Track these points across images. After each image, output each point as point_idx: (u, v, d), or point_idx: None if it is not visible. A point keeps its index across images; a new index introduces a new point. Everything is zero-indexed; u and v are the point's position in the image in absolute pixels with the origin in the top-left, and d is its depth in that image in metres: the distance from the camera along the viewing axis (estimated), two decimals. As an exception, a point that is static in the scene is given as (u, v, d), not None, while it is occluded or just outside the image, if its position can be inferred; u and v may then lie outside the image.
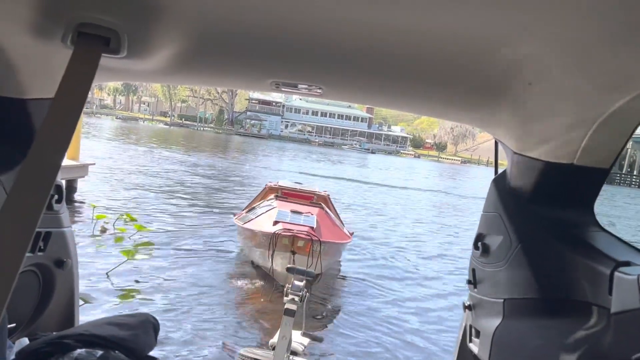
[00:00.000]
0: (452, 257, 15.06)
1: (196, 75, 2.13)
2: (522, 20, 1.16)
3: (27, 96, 1.78)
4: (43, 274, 2.18)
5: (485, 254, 2.14)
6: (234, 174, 29.08)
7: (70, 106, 1.24)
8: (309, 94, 2.04)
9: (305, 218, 10.99)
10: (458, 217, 23.92)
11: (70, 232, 2.26)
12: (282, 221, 10.61)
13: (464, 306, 2.37)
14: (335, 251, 11.45)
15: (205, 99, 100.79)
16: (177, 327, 7.74)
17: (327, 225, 11.52)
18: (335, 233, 11.61)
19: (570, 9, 1.08)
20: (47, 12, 1.34)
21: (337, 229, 12.09)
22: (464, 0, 1.10)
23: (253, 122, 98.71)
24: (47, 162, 1.19)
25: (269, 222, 10.68)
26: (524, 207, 1.99)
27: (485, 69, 1.49)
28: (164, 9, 1.31)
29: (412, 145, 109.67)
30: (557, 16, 1.12)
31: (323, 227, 11.04)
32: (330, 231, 11.30)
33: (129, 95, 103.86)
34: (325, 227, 11.21)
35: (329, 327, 8.70)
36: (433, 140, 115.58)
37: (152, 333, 2.05)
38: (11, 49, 1.57)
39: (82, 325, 2.08)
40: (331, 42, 1.45)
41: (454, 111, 2.11)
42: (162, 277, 9.93)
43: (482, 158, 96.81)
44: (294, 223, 10.56)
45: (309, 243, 9.91)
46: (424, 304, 10.66)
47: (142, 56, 1.58)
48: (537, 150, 1.87)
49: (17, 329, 2.12)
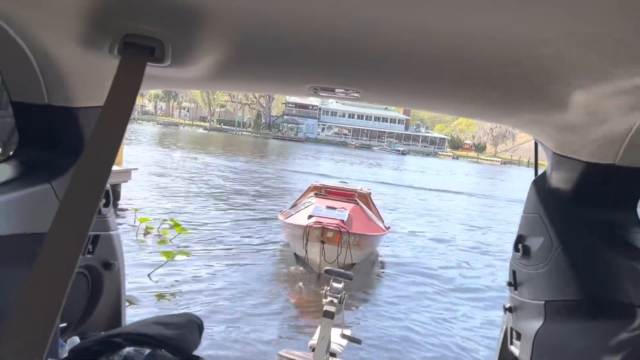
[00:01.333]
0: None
1: (236, 82, 2.18)
2: (561, 20, 1.16)
3: (76, 105, 1.85)
4: (92, 276, 2.25)
5: (526, 255, 2.12)
6: (272, 178, 29.28)
7: (119, 114, 1.28)
8: (346, 98, 2.06)
9: (338, 213, 12.10)
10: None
11: (117, 235, 2.33)
12: (316, 215, 11.88)
13: (504, 308, 2.35)
14: (368, 243, 12.58)
15: (243, 104, 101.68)
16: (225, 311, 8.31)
17: (360, 219, 12.66)
18: (368, 226, 12.78)
19: (610, 6, 1.07)
20: (96, 24, 1.40)
21: (371, 222, 13.26)
22: (501, 4, 1.10)
23: (290, 126, 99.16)
24: (97, 168, 1.22)
25: (305, 217, 12.00)
26: (565, 208, 1.96)
27: (524, 69, 1.49)
28: (206, 18, 1.35)
29: (450, 147, 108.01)
30: (596, 14, 1.11)
31: (355, 221, 12.18)
32: (362, 224, 12.45)
33: (169, 102, 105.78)
34: (358, 221, 12.35)
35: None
36: (472, 141, 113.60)
37: (197, 332, 2.11)
38: (62, 60, 1.65)
39: (130, 325, 2.15)
40: (368, 46, 1.46)
41: (492, 113, 2.10)
42: (203, 275, 10.33)
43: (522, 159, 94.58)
44: (326, 217, 11.78)
45: (337, 234, 11.06)
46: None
47: (185, 64, 1.63)
48: (577, 151, 1.84)
49: (68, 329, 2.21)
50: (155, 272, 9.62)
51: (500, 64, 1.47)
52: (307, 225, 11.29)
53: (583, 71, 1.42)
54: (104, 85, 1.39)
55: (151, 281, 9.36)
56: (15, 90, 1.80)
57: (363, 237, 11.97)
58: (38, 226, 1.73)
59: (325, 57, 1.61)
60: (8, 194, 1.65)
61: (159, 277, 9.57)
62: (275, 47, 1.56)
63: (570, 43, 1.27)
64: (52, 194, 1.80)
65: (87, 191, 1.18)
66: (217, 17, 1.35)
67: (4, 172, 1.81)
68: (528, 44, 1.31)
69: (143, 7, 1.31)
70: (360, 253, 12.08)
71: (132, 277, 8.86)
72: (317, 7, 1.23)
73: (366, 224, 12.83)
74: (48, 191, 1.79)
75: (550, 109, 1.74)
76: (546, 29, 1.21)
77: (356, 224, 12.14)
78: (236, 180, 26.60)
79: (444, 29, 1.28)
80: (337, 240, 11.10)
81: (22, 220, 1.69)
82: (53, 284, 1.06)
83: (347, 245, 11.20)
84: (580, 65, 1.39)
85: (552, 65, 1.42)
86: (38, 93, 1.77)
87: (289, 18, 1.32)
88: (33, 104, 1.80)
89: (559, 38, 1.25)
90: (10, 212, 1.65)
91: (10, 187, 1.69)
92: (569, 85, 1.51)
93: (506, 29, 1.24)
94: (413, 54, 1.49)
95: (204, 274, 10.47)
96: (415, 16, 1.22)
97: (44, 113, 1.82)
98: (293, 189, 23.66)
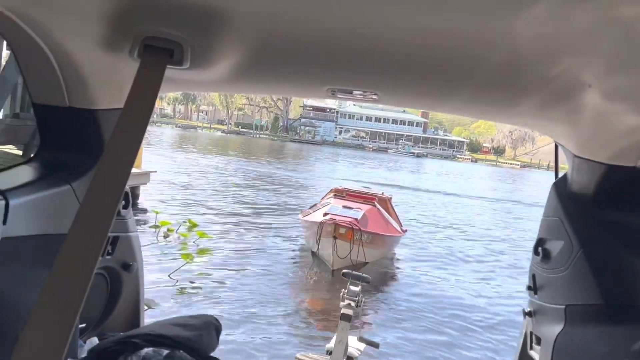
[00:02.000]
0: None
1: (255, 84, 2.18)
2: (582, 22, 1.14)
3: (96, 107, 1.87)
4: (111, 277, 2.27)
5: (546, 259, 2.09)
6: (288, 181, 29.35)
7: (139, 116, 1.29)
8: (364, 100, 2.05)
9: (354, 212, 12.71)
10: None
11: (136, 236, 2.35)
12: (331, 213, 12.58)
13: (524, 313, 2.32)
14: (382, 242, 13.10)
15: (261, 107, 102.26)
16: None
17: (376, 219, 13.18)
18: (383, 227, 13.24)
19: (631, 8, 1.06)
20: (117, 27, 1.41)
21: (387, 224, 13.72)
22: (521, 5, 1.09)
23: (307, 129, 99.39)
24: (117, 170, 1.23)
25: (321, 215, 12.68)
26: (586, 211, 1.94)
27: (544, 72, 1.47)
28: (224, 21, 1.36)
29: (469, 150, 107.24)
30: (617, 17, 1.09)
31: (370, 221, 12.72)
32: (377, 224, 12.96)
33: (187, 104, 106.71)
34: (373, 221, 12.90)
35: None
36: (491, 144, 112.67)
37: (215, 334, 2.12)
38: (83, 62, 1.67)
39: (149, 326, 2.17)
40: (386, 48, 1.46)
41: (511, 115, 2.08)
42: (222, 274, 10.59)
43: (542, 162, 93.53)
44: (340, 215, 12.44)
45: (350, 231, 11.64)
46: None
47: (203, 67, 1.64)
48: (598, 153, 1.82)
49: (87, 329, 2.23)
50: (174, 273, 9.79)
51: (520, 66, 1.46)
52: (321, 221, 11.97)
53: (603, 73, 1.40)
54: (124, 88, 1.40)
55: (171, 281, 9.51)
56: (37, 92, 1.83)
57: (377, 236, 12.49)
58: (58, 227, 1.75)
59: (343, 59, 1.61)
60: (29, 195, 1.67)
61: (179, 277, 9.73)
62: (294, 50, 1.56)
63: (590, 45, 1.25)
64: (72, 195, 1.83)
65: (107, 193, 1.19)
66: (235, 19, 1.36)
67: (26, 173, 1.84)
68: (549, 46, 1.30)
69: (163, 10, 1.32)
70: (375, 252, 12.56)
71: (150, 279, 8.99)
72: (335, 9, 1.23)
73: (381, 224, 13.28)
74: (68, 192, 1.81)
75: (572, 111, 1.72)
76: (567, 31, 1.20)
77: (371, 223, 12.65)
78: (255, 184, 26.75)
79: (463, 31, 1.27)
80: (349, 237, 11.66)
81: (43, 221, 1.72)
82: (73, 285, 1.07)
83: (360, 243, 11.78)
84: (600, 67, 1.37)
85: (572, 67, 1.40)
86: (59, 95, 1.79)
87: (307, 20, 1.32)
88: (54, 106, 1.83)
89: (580, 40, 1.24)
90: (31, 213, 1.67)
91: (31, 188, 1.71)
92: (589, 87, 1.49)
93: (526, 32, 1.23)
94: (432, 55, 1.48)
95: (219, 275, 10.65)
96: (434, 18, 1.22)
97: (65, 115, 1.84)
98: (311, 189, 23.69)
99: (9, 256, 1.56)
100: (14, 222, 1.57)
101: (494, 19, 1.19)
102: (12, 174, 1.82)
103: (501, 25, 1.21)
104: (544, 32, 1.22)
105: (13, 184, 1.67)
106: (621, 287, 1.75)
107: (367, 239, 12.02)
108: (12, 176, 1.79)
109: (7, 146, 5.15)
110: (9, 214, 1.54)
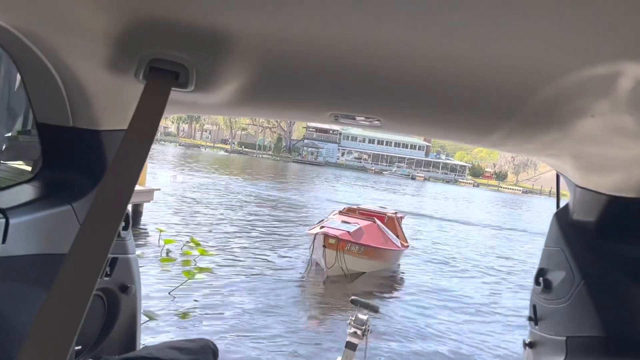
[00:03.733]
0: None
1: (258, 108, 2.19)
2: (584, 51, 1.15)
3: (100, 127, 1.87)
4: (108, 299, 2.25)
5: (547, 289, 2.08)
6: (290, 203, 29.36)
7: (142, 138, 1.29)
8: (367, 126, 2.06)
9: (348, 226, 14.02)
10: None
11: (135, 258, 2.34)
12: (327, 226, 13.99)
13: (524, 344, 2.29)
14: (378, 255, 14.19)
15: (264, 127, 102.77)
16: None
17: (372, 233, 14.37)
18: (380, 241, 14.40)
19: (635, 39, 1.06)
20: (123, 49, 1.42)
21: (385, 238, 14.81)
22: (523, 32, 1.10)
23: (310, 150, 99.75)
24: (119, 192, 1.22)
25: (319, 228, 14.01)
26: (588, 242, 1.92)
27: (546, 101, 1.47)
28: (230, 46, 1.37)
29: (471, 174, 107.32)
30: (621, 47, 1.10)
31: (366, 234, 14.01)
32: (372, 238, 14.14)
33: (191, 123, 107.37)
34: (369, 235, 14.14)
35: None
36: (493, 169, 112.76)
37: (212, 358, 2.09)
38: (88, 83, 1.68)
39: (145, 348, 2.14)
40: (390, 74, 1.46)
41: (513, 143, 2.08)
42: (224, 292, 11.15)
43: (544, 188, 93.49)
44: (335, 228, 13.78)
45: (341, 242, 13.01)
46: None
47: (208, 90, 1.64)
48: (600, 184, 1.81)
49: (82, 351, 2.20)
50: (176, 290, 9.91)
51: (522, 94, 1.46)
52: (316, 233, 13.48)
53: (606, 103, 1.40)
54: (128, 109, 1.41)
55: (171, 299, 9.70)
56: (41, 111, 1.84)
57: (369, 248, 13.71)
58: (57, 247, 1.75)
59: (347, 85, 1.62)
60: (30, 214, 1.67)
61: (180, 294, 9.90)
62: (298, 74, 1.57)
63: (593, 74, 1.26)
64: (72, 216, 1.82)
65: (107, 214, 1.18)
66: (241, 44, 1.37)
67: (27, 192, 1.84)
68: (550, 75, 1.30)
69: (170, 33, 1.33)
70: (371, 263, 13.93)
71: (151, 296, 9.36)
72: (339, 35, 1.24)
73: (377, 238, 14.42)
74: (69, 213, 1.81)
75: (573, 141, 1.72)
76: (569, 60, 1.21)
77: (366, 237, 13.90)
78: (256, 201, 26.73)
79: (463, 59, 1.28)
80: (339, 247, 13.02)
81: (42, 241, 1.71)
82: (71, 306, 1.06)
83: (352, 253, 13.20)
84: (603, 97, 1.37)
85: (574, 96, 1.41)
86: (63, 115, 1.80)
87: (312, 46, 1.33)
88: (58, 125, 1.83)
89: (582, 69, 1.24)
90: (30, 232, 1.67)
91: (31, 207, 1.71)
92: (592, 117, 1.49)
93: (527, 60, 1.23)
94: (433, 83, 1.48)
95: (223, 289, 11.16)
96: (434, 46, 1.23)
97: (69, 135, 1.85)
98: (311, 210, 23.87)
99: (7, 275, 1.55)
100: (13, 241, 1.56)
101: (493, 47, 1.19)
102: (13, 193, 1.82)
103: (500, 53, 1.22)
104: (543, 61, 1.23)
105: (14, 202, 1.67)
106: (623, 319, 1.73)
107: (358, 250, 13.43)
108: (13, 195, 1.79)
109: (16, 162, 5.22)
110: (9, 232, 1.54)
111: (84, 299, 1.07)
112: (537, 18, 1.03)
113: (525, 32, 1.10)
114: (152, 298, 9.38)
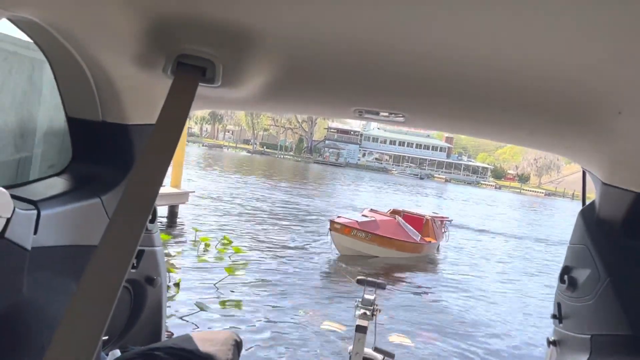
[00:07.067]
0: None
1: (283, 104, 2.21)
2: (611, 48, 1.14)
3: (129, 122, 1.91)
4: (135, 290, 2.29)
5: (572, 287, 2.05)
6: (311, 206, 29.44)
7: (170, 132, 1.32)
8: (391, 122, 2.06)
9: (364, 218, 16.43)
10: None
11: (160, 251, 2.37)
12: (343, 217, 16.65)
13: (548, 342, 2.27)
14: (390, 243, 16.20)
15: (286, 128, 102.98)
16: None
17: (387, 226, 16.59)
18: (393, 232, 16.52)
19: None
20: (152, 45, 1.45)
21: (399, 231, 16.85)
22: (550, 29, 1.09)
23: (331, 151, 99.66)
24: (147, 185, 1.25)
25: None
26: (614, 240, 1.90)
27: (573, 97, 1.46)
28: (256, 41, 1.39)
29: (493, 176, 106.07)
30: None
31: (382, 226, 16.34)
32: (385, 229, 16.33)
33: (214, 124, 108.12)
34: (385, 227, 16.42)
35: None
36: (515, 171, 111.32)
37: (236, 350, 2.11)
38: (118, 79, 1.71)
39: (172, 339, 2.17)
40: (415, 70, 1.47)
41: (539, 139, 2.06)
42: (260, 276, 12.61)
43: (567, 191, 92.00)
44: (349, 218, 16.35)
45: (346, 228, 15.44)
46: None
47: (234, 85, 1.67)
48: (627, 181, 1.79)
49: (109, 341, 2.24)
50: (218, 284, 11.08)
51: (548, 90, 1.45)
52: (331, 220, 16.03)
53: (634, 100, 1.39)
54: (156, 104, 1.44)
55: (214, 289, 10.84)
56: (71, 106, 1.88)
57: (377, 236, 15.91)
58: (87, 238, 1.79)
59: (371, 80, 1.62)
60: (60, 207, 1.71)
61: (222, 287, 11.03)
62: (323, 70, 1.58)
63: (621, 71, 1.25)
64: (101, 208, 1.86)
65: (136, 207, 1.21)
66: (266, 40, 1.38)
67: (57, 185, 1.88)
68: (577, 71, 1.30)
69: (198, 29, 1.36)
70: (380, 249, 16.04)
71: (198, 289, 10.65)
72: (364, 31, 1.25)
73: (390, 229, 16.55)
74: (97, 205, 1.85)
75: (601, 137, 1.70)
76: (596, 57, 1.20)
77: (382, 229, 16.21)
78: (280, 202, 26.87)
79: (490, 55, 1.28)
80: (345, 232, 15.47)
81: (72, 232, 1.75)
82: (101, 297, 1.08)
83: (357, 238, 15.51)
84: (631, 93, 1.36)
85: (602, 93, 1.39)
86: (93, 110, 1.84)
87: (336, 42, 1.34)
88: (88, 120, 1.87)
89: (609, 66, 1.23)
90: (60, 223, 1.70)
91: (61, 200, 1.75)
92: (619, 113, 1.47)
93: (554, 57, 1.22)
94: (458, 79, 1.48)
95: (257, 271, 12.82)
96: (460, 42, 1.23)
97: (98, 129, 1.88)
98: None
99: (39, 265, 1.59)
100: (44, 232, 1.60)
101: (520, 44, 1.19)
102: (44, 185, 1.86)
103: (527, 50, 1.21)
104: (570, 58, 1.22)
105: (45, 195, 1.71)
106: None
107: (365, 236, 15.68)
108: (44, 187, 1.84)
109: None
110: (40, 224, 1.57)
111: (113, 290, 1.09)
112: (562, 16, 1.03)
113: (552, 30, 1.10)
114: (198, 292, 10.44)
